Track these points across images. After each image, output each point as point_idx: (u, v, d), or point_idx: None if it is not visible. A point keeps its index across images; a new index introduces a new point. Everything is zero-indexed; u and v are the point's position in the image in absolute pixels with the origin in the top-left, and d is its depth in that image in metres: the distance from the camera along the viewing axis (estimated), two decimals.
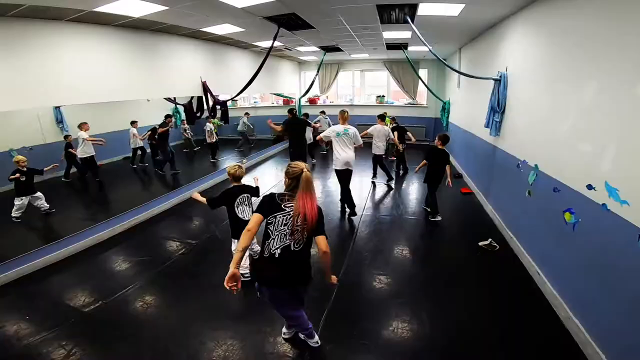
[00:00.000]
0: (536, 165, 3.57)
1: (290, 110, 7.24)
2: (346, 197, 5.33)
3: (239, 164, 3.74)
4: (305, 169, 2.27)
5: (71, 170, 7.82)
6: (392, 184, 6.95)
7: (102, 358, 2.68)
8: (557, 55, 3.27)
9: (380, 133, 6.70)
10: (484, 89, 5.40)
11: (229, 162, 9.10)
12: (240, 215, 3.68)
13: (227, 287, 1.94)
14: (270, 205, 2.26)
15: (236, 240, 3.76)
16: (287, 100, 12.40)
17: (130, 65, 5.32)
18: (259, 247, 4.00)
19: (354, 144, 5.12)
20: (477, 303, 3.27)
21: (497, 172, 4.99)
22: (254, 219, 2.18)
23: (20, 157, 5.25)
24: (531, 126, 3.79)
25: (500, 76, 4.57)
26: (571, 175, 2.87)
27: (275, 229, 2.21)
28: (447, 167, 4.90)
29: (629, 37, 2.20)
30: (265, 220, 2.21)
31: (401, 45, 8.06)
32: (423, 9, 4.64)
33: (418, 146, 9.72)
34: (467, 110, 7.26)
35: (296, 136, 7.04)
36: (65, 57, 4.40)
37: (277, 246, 2.21)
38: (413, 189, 6.86)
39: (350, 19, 5.47)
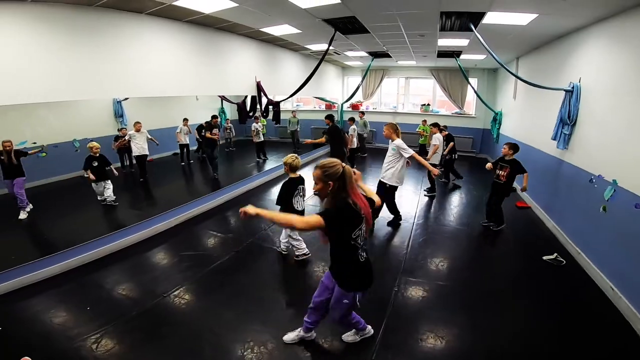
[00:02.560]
0: (614, 181, 3.37)
1: (330, 117, 7.05)
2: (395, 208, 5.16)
3: (296, 155, 3.76)
4: (342, 164, 2.00)
5: (125, 162, 8.30)
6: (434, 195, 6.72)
7: (159, 354, 2.67)
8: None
9: (442, 142, 6.61)
10: (548, 100, 5.14)
11: (274, 162, 9.25)
12: (295, 206, 3.69)
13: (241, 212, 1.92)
14: (355, 218, 2.02)
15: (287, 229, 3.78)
16: (330, 105, 12.46)
17: (195, 61, 5.48)
18: (304, 249, 3.97)
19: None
20: (541, 315, 3.18)
21: (563, 187, 4.73)
22: (315, 226, 1.90)
23: (94, 144, 5.35)
24: (609, 140, 3.60)
25: (572, 87, 4.32)
26: None
27: (359, 236, 2.09)
28: (525, 175, 4.69)
29: None
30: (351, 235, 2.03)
31: (454, 53, 7.88)
32: (490, 18, 4.49)
33: (465, 157, 9.39)
34: (524, 122, 6.93)
35: (336, 142, 6.82)
36: (138, 49, 4.51)
37: (363, 249, 2.17)
38: (464, 200, 6.63)
39: (409, 25, 5.40)
